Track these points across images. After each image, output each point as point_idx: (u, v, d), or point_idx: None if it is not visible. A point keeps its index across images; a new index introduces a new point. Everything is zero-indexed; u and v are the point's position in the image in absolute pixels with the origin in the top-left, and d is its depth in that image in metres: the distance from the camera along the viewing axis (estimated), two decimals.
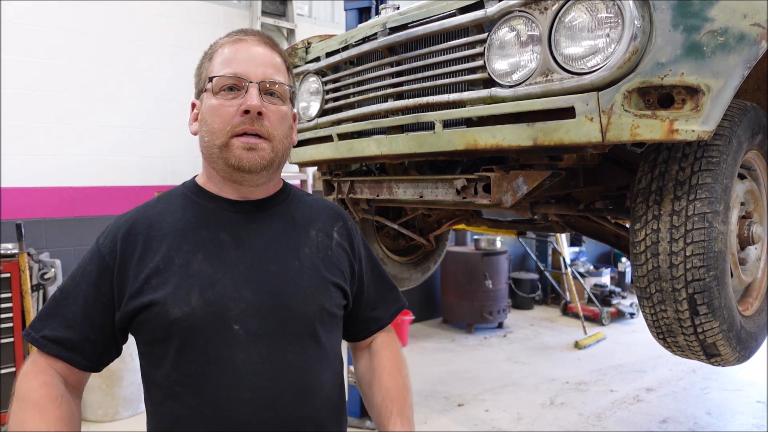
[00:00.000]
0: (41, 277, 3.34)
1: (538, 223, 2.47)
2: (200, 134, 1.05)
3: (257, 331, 0.97)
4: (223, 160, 1.00)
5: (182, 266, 0.98)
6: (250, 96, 0.99)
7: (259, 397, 0.95)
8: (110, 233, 1.04)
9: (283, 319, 1.00)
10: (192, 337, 0.95)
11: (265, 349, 0.97)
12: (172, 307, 0.95)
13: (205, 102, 1.04)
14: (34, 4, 3.67)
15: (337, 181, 2.19)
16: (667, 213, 1.32)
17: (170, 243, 1.00)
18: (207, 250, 1.00)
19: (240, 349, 0.96)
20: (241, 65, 1.01)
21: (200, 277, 0.97)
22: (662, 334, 1.42)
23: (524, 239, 6.58)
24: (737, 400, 3.93)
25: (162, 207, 1.06)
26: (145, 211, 1.06)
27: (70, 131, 3.86)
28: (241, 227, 1.04)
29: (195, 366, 0.95)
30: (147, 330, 0.98)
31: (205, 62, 1.07)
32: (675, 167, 1.33)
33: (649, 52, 1.15)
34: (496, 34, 1.38)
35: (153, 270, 0.98)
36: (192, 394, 0.95)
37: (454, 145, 1.49)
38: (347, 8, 3.37)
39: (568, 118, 1.22)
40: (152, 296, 0.96)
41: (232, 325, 0.96)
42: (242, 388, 0.95)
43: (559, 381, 4.28)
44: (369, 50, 1.76)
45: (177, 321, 0.95)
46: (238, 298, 0.98)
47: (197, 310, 0.95)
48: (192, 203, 1.06)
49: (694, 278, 1.29)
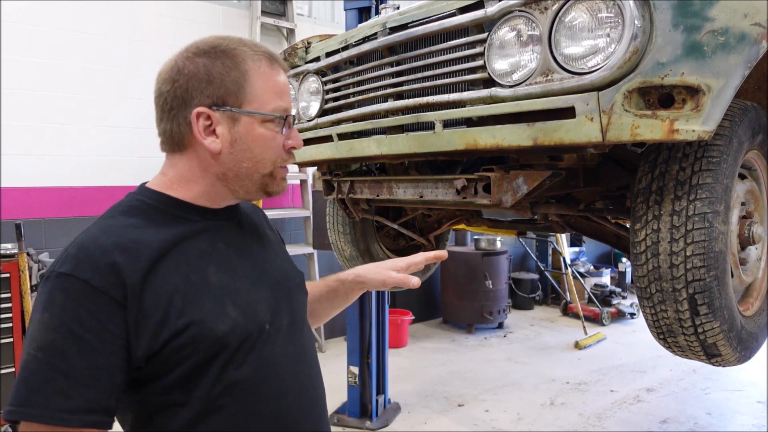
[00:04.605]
0: (41, 277, 3.33)
1: (538, 223, 2.46)
2: (234, 156, 0.97)
3: (281, 326, 1.02)
4: (263, 187, 1.02)
5: (202, 282, 0.94)
6: (296, 134, 1.04)
7: (301, 383, 1.03)
8: (95, 264, 0.85)
9: (293, 310, 1.07)
10: (240, 345, 0.95)
11: (291, 340, 1.04)
12: (215, 323, 0.91)
13: (245, 126, 0.97)
14: (34, 4, 3.67)
15: (337, 181, 2.19)
16: (668, 213, 1.32)
17: (175, 261, 0.93)
18: (215, 262, 0.98)
19: (275, 344, 1.00)
20: (288, 98, 1.03)
21: (223, 288, 0.96)
22: (663, 334, 1.42)
23: (524, 239, 6.58)
24: (737, 401, 3.93)
25: (135, 225, 0.94)
26: (122, 231, 0.92)
27: (70, 131, 3.86)
28: (229, 234, 1.04)
29: (241, 372, 0.95)
30: (185, 355, 0.89)
31: (236, 75, 0.96)
32: (675, 167, 1.33)
33: (649, 52, 1.15)
34: (496, 33, 1.38)
35: (172, 292, 0.89)
36: (241, 398, 0.95)
37: (454, 145, 1.49)
38: (347, 8, 3.37)
39: (569, 118, 1.22)
40: (186, 319, 0.89)
41: (264, 326, 0.99)
42: (285, 378, 1.00)
43: (560, 381, 4.28)
44: (369, 50, 1.76)
45: (225, 335, 0.92)
46: (260, 300, 1.00)
47: (238, 319, 0.95)
48: (174, 217, 0.99)
49: (694, 278, 1.29)
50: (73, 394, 0.82)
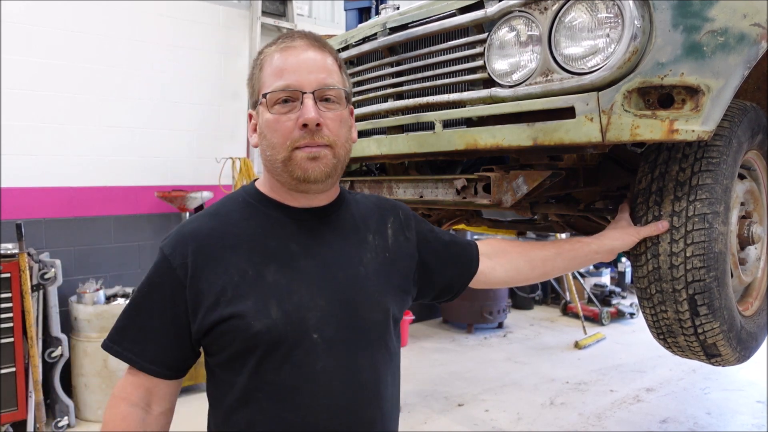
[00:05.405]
0: (41, 277, 3.33)
1: (538, 223, 2.46)
2: (261, 147, 1.04)
3: (333, 339, 0.99)
4: (288, 173, 1.00)
5: (257, 278, 0.98)
6: (306, 109, 0.97)
7: (336, 403, 0.98)
8: (177, 244, 1.01)
9: (355, 327, 1.02)
10: (274, 347, 0.96)
11: (340, 356, 1.00)
12: (254, 319, 0.95)
13: (261, 116, 1.01)
14: (34, 4, 3.67)
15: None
16: (667, 214, 1.32)
17: (241, 254, 0.99)
18: (279, 261, 1.00)
19: (319, 357, 0.98)
20: (294, 75, 0.98)
21: (276, 288, 0.98)
22: (662, 334, 1.42)
23: (524, 239, 6.57)
24: (737, 400, 3.93)
25: (226, 215, 1.05)
26: (210, 220, 1.04)
27: (70, 131, 3.86)
28: (308, 236, 1.04)
29: (276, 374, 0.96)
30: (226, 342, 0.98)
31: (256, 72, 1.04)
32: (675, 168, 1.33)
33: (649, 52, 1.15)
34: (496, 34, 1.38)
35: (227, 282, 0.97)
36: (273, 400, 0.97)
37: (454, 145, 1.49)
38: (347, 8, 3.38)
39: (568, 118, 1.22)
40: (231, 309, 0.96)
41: (311, 334, 0.97)
42: (321, 394, 0.97)
43: (559, 381, 4.28)
44: (369, 50, 1.76)
45: (260, 333, 0.95)
46: (314, 308, 0.99)
47: (278, 321, 0.96)
48: (257, 212, 1.05)
49: (694, 279, 1.29)
50: (140, 342, 1.01)
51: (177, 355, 1.03)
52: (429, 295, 1.27)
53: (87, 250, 3.98)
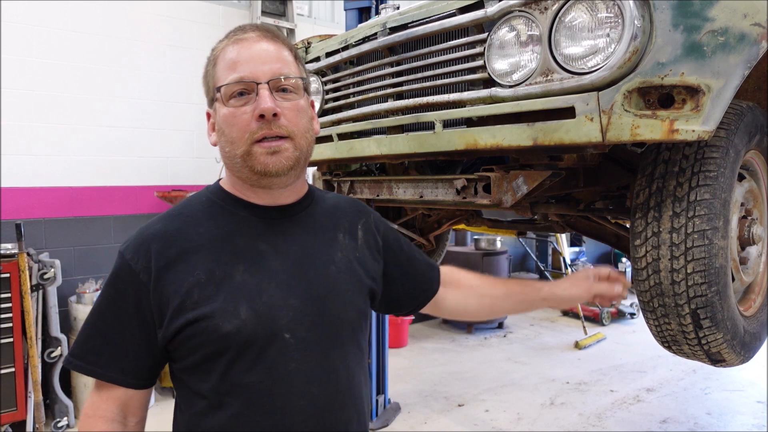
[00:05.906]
0: (41, 277, 3.33)
1: (538, 223, 2.46)
2: (220, 145, 1.02)
3: (305, 338, 0.97)
4: (249, 168, 0.97)
5: (225, 278, 0.95)
6: (261, 99, 0.95)
7: (311, 404, 0.96)
8: (139, 247, 0.97)
9: (328, 325, 1.00)
10: (245, 349, 0.93)
11: (313, 356, 0.97)
12: (223, 321, 0.92)
13: (218, 112, 1.00)
14: (34, 4, 3.67)
15: (337, 181, 2.18)
16: (667, 230, 1.30)
17: (207, 254, 0.96)
18: (247, 260, 0.97)
19: (291, 358, 0.95)
20: (246, 67, 0.96)
21: (246, 288, 0.95)
22: (667, 343, 1.42)
23: (524, 239, 6.58)
24: (737, 401, 3.93)
25: (190, 215, 1.01)
26: (173, 221, 1.00)
27: (70, 131, 3.86)
28: (277, 234, 1.02)
29: (247, 376, 0.94)
30: (194, 345, 0.94)
31: (210, 69, 1.03)
32: (672, 182, 1.31)
33: (649, 52, 1.15)
34: (496, 34, 1.38)
35: (193, 284, 0.94)
36: (245, 403, 0.94)
37: (454, 145, 1.49)
38: (347, 8, 3.37)
39: (568, 118, 1.22)
40: (199, 311, 0.92)
41: (283, 334, 0.95)
42: (295, 395, 0.95)
43: (559, 381, 4.28)
44: (369, 50, 1.76)
45: (229, 335, 0.92)
46: (285, 307, 0.96)
47: (248, 322, 0.93)
48: (222, 211, 1.02)
49: (696, 294, 1.28)
50: (106, 353, 0.96)
51: (148, 363, 0.98)
52: (383, 304, 1.23)
53: (87, 250, 3.98)
